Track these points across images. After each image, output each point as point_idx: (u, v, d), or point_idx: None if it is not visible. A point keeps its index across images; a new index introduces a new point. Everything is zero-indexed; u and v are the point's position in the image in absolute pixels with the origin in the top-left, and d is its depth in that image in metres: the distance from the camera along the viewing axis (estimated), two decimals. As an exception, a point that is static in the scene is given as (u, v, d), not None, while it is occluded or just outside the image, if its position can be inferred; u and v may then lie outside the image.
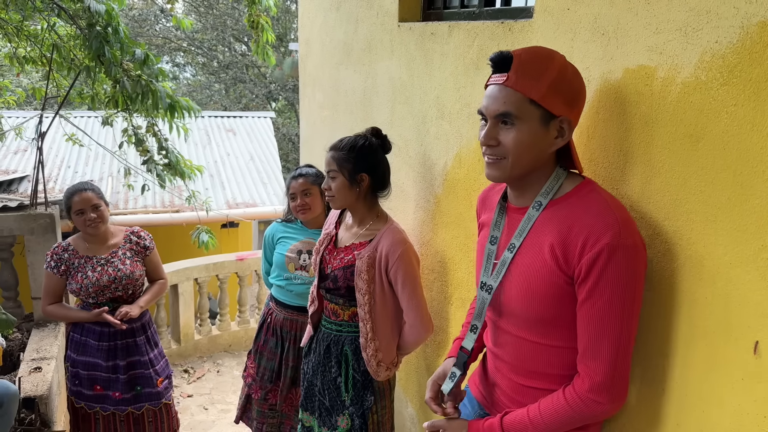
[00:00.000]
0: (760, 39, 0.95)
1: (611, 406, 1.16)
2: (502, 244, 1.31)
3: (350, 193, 1.98)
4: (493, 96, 1.18)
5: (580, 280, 1.14)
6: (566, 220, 1.17)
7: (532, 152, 1.19)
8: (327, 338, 2.14)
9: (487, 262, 1.34)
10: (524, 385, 1.32)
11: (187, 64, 17.74)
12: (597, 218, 1.12)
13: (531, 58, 1.17)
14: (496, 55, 1.19)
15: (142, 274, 2.75)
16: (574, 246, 1.14)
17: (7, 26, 4.35)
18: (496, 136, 1.19)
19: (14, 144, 8.26)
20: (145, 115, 4.07)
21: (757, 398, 0.98)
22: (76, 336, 2.67)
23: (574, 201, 1.19)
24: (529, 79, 1.14)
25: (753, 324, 0.97)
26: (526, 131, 1.16)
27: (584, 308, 1.15)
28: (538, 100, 1.14)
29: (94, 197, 2.59)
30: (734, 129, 1.00)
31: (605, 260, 1.09)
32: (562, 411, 1.20)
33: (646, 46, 1.17)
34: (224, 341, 5.19)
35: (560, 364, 1.26)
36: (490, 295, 1.31)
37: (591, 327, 1.15)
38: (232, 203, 7.95)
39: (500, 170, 1.22)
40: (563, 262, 1.16)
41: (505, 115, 1.17)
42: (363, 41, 2.80)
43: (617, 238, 1.09)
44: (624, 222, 1.12)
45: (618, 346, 1.13)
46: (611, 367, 1.13)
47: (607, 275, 1.10)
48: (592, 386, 1.16)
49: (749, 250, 0.97)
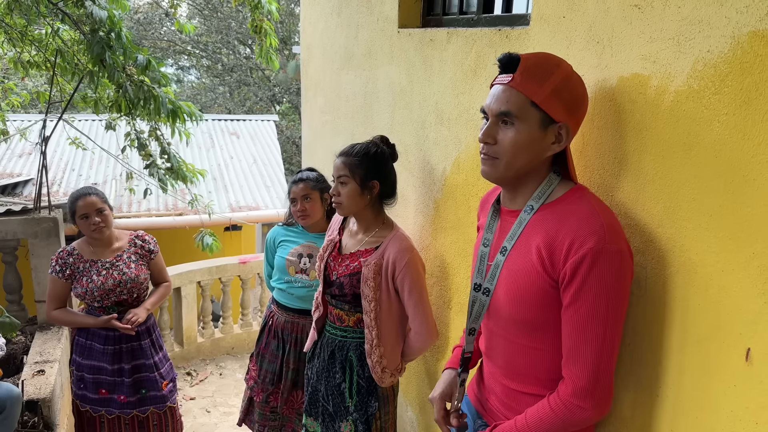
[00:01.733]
0: (750, 49, 0.96)
1: (594, 411, 1.16)
2: (495, 247, 1.33)
3: (360, 199, 1.99)
4: (496, 95, 1.21)
5: (564, 284, 1.15)
6: (554, 224, 1.18)
7: (527, 154, 1.20)
8: (331, 344, 2.15)
9: (480, 264, 1.35)
10: (516, 390, 1.33)
11: (191, 67, 17.83)
12: (583, 223, 1.13)
13: (538, 62, 1.19)
14: (504, 56, 1.21)
15: (146, 277, 2.77)
16: (559, 250, 1.15)
17: (12, 31, 4.39)
18: (495, 134, 1.21)
19: (18, 147, 8.31)
20: (148, 119, 4.09)
21: (749, 405, 0.99)
22: (81, 340, 2.69)
23: (563, 206, 1.21)
24: (534, 81, 1.17)
25: (744, 331, 0.98)
26: (524, 132, 1.18)
27: (568, 313, 1.16)
28: (540, 103, 1.16)
29: (99, 201, 2.61)
30: (726, 137, 1.01)
31: (589, 265, 1.10)
32: (547, 418, 1.20)
33: (640, 54, 1.19)
34: (227, 344, 5.20)
35: (550, 368, 1.26)
36: (489, 297, 1.32)
37: (574, 332, 1.15)
38: (235, 206, 7.97)
39: (494, 169, 1.24)
40: (549, 265, 1.17)
41: (505, 114, 1.19)
42: (363, 47, 2.82)
43: (602, 242, 1.10)
44: (610, 228, 1.13)
45: (601, 352, 1.13)
46: (594, 372, 1.14)
47: (591, 280, 1.11)
48: (574, 391, 1.16)
49: (741, 257, 0.98)
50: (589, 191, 1.24)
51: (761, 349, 0.96)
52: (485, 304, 1.33)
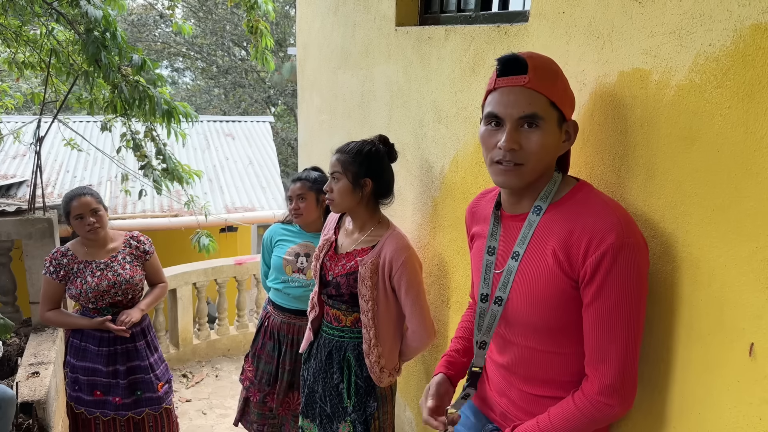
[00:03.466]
0: (752, 42, 0.95)
1: (621, 408, 1.14)
2: (502, 253, 1.29)
3: (352, 196, 1.98)
4: (513, 98, 1.14)
5: (585, 282, 1.13)
6: (567, 224, 1.16)
7: (550, 156, 1.18)
8: (328, 344, 2.14)
9: (486, 273, 1.31)
10: (537, 395, 1.29)
11: (186, 68, 17.78)
12: (599, 219, 1.11)
13: (543, 62, 1.17)
14: (509, 57, 1.16)
15: (141, 278, 2.75)
16: (577, 248, 1.12)
17: (6, 31, 4.36)
18: (519, 139, 1.14)
19: (13, 148, 8.26)
20: (143, 120, 4.07)
21: (752, 400, 0.98)
22: (75, 341, 2.66)
23: (572, 204, 1.19)
24: (548, 81, 1.14)
25: (748, 326, 0.98)
26: (549, 133, 1.15)
27: (590, 310, 1.14)
28: (557, 101, 1.15)
29: (93, 202, 2.59)
30: (728, 131, 1.00)
31: (611, 260, 1.08)
32: (573, 417, 1.17)
33: (641, 49, 1.18)
34: (223, 346, 5.18)
35: (573, 370, 1.24)
36: (501, 307, 1.27)
37: (598, 329, 1.13)
38: (230, 208, 7.95)
39: (518, 177, 1.17)
40: (567, 266, 1.15)
41: (531, 117, 1.13)
42: (361, 45, 2.81)
43: (621, 237, 1.08)
44: (626, 221, 1.11)
45: (626, 348, 1.12)
46: (620, 369, 1.12)
47: (613, 276, 1.09)
48: (601, 389, 1.14)
49: (744, 252, 0.98)
50: (593, 187, 1.23)
51: (765, 344, 0.95)
52: (497, 314, 1.28)
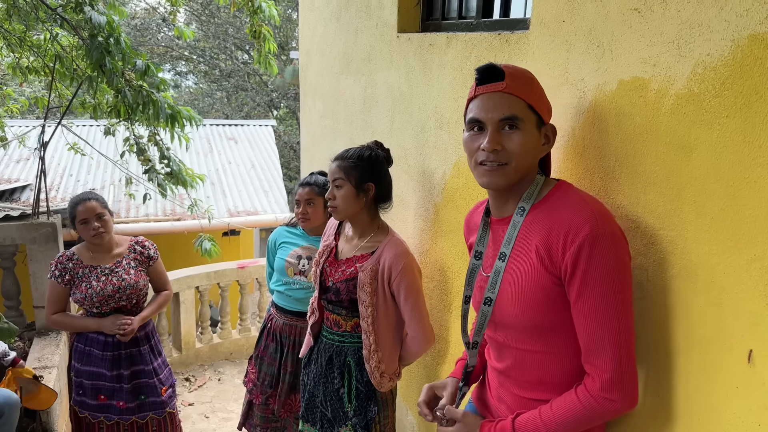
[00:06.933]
0: (750, 52, 0.96)
1: (624, 403, 1.14)
2: (489, 257, 1.33)
3: (356, 202, 1.99)
4: (492, 102, 1.21)
5: (567, 277, 1.15)
6: (546, 221, 1.19)
7: (532, 156, 1.23)
8: (329, 349, 2.14)
9: (470, 276, 1.37)
10: (530, 399, 1.30)
11: (189, 72, 17.83)
12: (574, 213, 1.15)
13: (519, 70, 1.24)
14: (487, 66, 1.23)
15: (146, 284, 2.76)
16: (556, 244, 1.15)
17: (10, 37, 4.40)
18: (500, 141, 1.20)
19: (17, 153, 8.31)
20: (147, 124, 4.10)
21: (751, 407, 0.99)
22: (80, 346, 2.68)
23: (552, 202, 1.22)
24: (524, 86, 1.22)
25: (746, 333, 0.99)
26: (528, 134, 1.21)
27: (578, 306, 1.15)
28: (534, 105, 1.21)
29: (99, 206, 2.60)
30: (726, 140, 1.01)
31: (588, 251, 1.11)
32: (576, 411, 1.18)
33: (640, 58, 1.19)
34: (225, 349, 5.19)
35: (564, 371, 1.25)
36: (491, 307, 1.30)
37: (589, 324, 1.14)
38: (233, 211, 7.96)
39: (503, 176, 1.22)
40: (549, 262, 1.17)
41: (511, 119, 1.19)
42: (363, 51, 2.83)
43: (596, 228, 1.11)
44: (600, 213, 1.14)
45: (619, 338, 1.12)
46: (617, 361, 1.12)
47: (594, 267, 1.11)
48: (603, 385, 1.14)
49: (742, 259, 0.99)
50: (572, 185, 1.27)
51: (763, 350, 0.96)
52: (487, 314, 1.31)
